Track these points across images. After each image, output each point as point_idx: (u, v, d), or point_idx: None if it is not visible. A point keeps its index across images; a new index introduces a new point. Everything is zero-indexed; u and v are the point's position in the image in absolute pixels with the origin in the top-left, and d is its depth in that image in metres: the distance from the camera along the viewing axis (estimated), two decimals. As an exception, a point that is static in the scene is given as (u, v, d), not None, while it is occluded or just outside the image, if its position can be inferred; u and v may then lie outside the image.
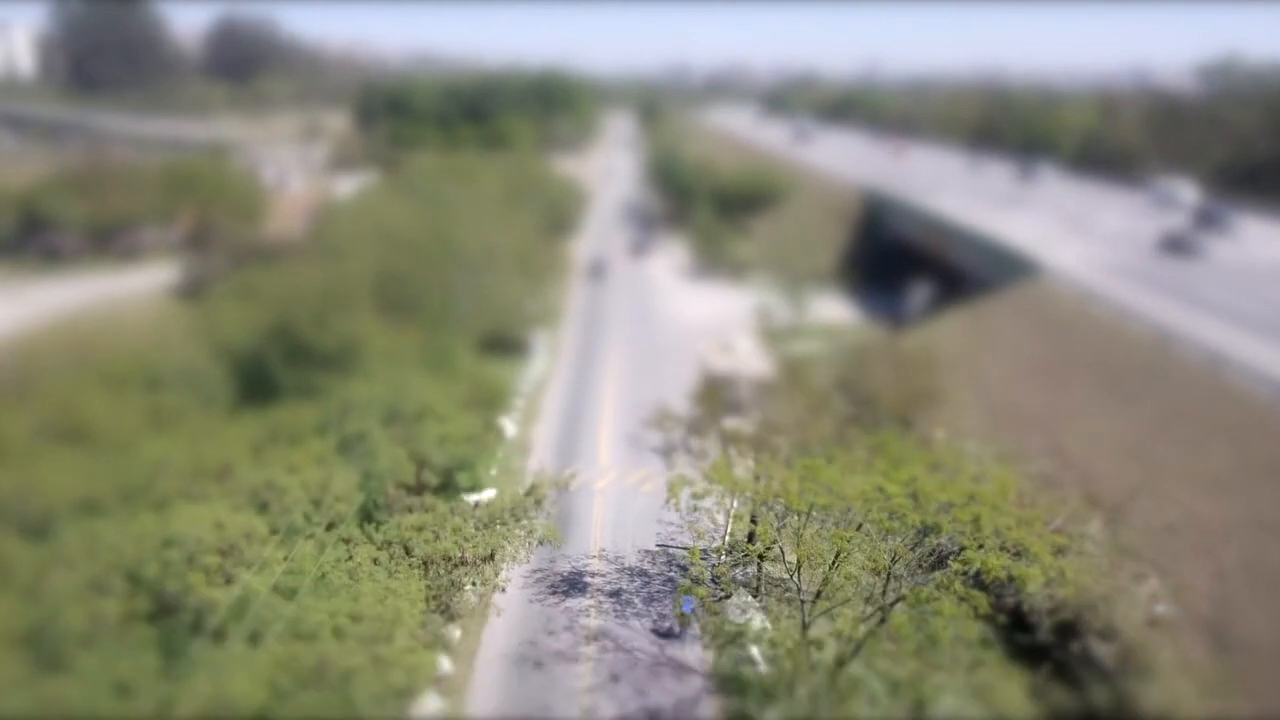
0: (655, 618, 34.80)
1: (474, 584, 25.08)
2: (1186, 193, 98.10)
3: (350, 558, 23.59)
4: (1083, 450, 39.29)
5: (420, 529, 24.67)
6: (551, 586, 36.46)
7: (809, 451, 28.51)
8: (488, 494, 33.63)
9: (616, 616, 34.92)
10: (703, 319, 77.19)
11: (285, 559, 21.37)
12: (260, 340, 33.06)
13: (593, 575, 37.48)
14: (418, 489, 28.59)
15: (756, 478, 27.32)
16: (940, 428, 35.22)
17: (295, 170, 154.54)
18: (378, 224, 64.58)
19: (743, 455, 32.43)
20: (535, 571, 37.11)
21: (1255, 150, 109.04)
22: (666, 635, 33.34)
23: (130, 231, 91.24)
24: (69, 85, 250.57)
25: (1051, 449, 40.26)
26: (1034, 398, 44.50)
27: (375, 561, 23.96)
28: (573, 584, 36.69)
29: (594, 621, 34.66)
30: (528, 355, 65.40)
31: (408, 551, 23.77)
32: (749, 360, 58.01)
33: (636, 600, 35.83)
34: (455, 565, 24.08)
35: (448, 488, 29.77)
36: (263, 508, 22.35)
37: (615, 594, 36.28)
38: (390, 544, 24.88)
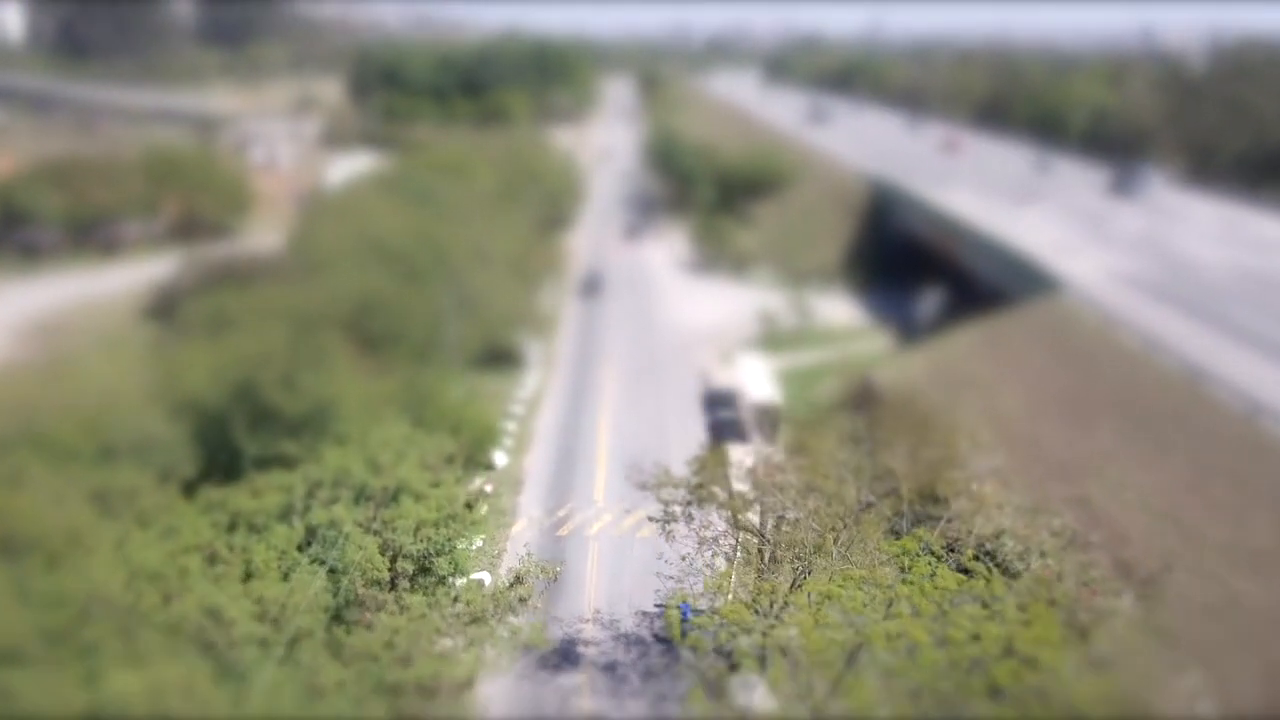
0: (653, 698, 32.52)
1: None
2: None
3: (312, 683, 21.14)
4: (1110, 505, 36.71)
5: (391, 645, 22.20)
6: (541, 658, 34.11)
7: (822, 548, 25.94)
8: (472, 577, 31.10)
9: (611, 696, 32.58)
10: (704, 322, 74.32)
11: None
12: (225, 400, 30.31)
13: (586, 644, 35.07)
14: (392, 583, 26.11)
15: (757, 610, 24.70)
16: (970, 502, 32.59)
17: (286, 146, 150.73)
18: (362, 231, 61.46)
19: (748, 559, 29.86)
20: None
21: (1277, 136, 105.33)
22: (663, 640, 33.93)
23: (111, 225, 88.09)
24: (58, 51, 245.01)
25: (1077, 500, 37.67)
26: (1056, 436, 41.85)
27: (340, 684, 21.50)
28: (564, 655, 34.26)
29: (586, 702, 32.34)
30: (521, 367, 62.67)
31: (375, 676, 21.31)
32: (752, 377, 55.28)
33: (633, 675, 33.46)
34: (429, 695, 21.66)
35: (427, 573, 27.27)
36: (208, 648, 19.84)
37: (610, 668, 33.90)
38: (358, 660, 22.42)
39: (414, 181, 76.69)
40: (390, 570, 26.38)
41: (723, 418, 53.67)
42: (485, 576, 38.07)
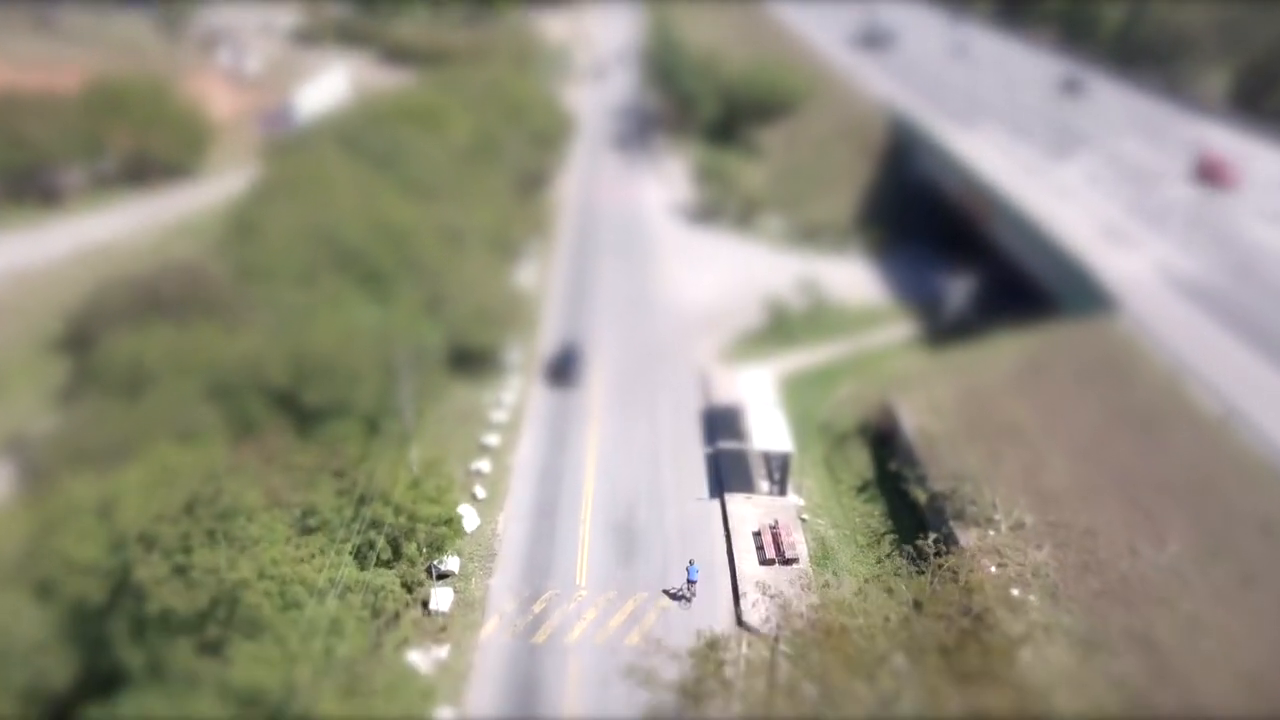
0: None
1: None
2: None
3: None
4: (1182, 653, 30.91)
5: None
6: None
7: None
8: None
9: None
10: (706, 298, 67.11)
11: None
12: (103, 589, 24.15)
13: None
14: None
15: None
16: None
17: (256, 46, 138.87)
18: (315, 221, 53.76)
19: None
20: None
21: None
22: (676, 599, 38.39)
23: (50, 170, 79.51)
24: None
25: (1139, 638, 31.89)
26: (1115, 534, 35.71)
27: None
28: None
29: None
30: (500, 371, 55.93)
31: None
32: (757, 397, 48.68)
33: None
34: None
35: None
36: None
37: None
38: None
39: (379, 138, 67.95)
40: None
41: (725, 450, 47.51)
42: (447, 715, 32.83)
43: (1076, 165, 74.52)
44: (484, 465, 46.94)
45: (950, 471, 41.33)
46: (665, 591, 38.66)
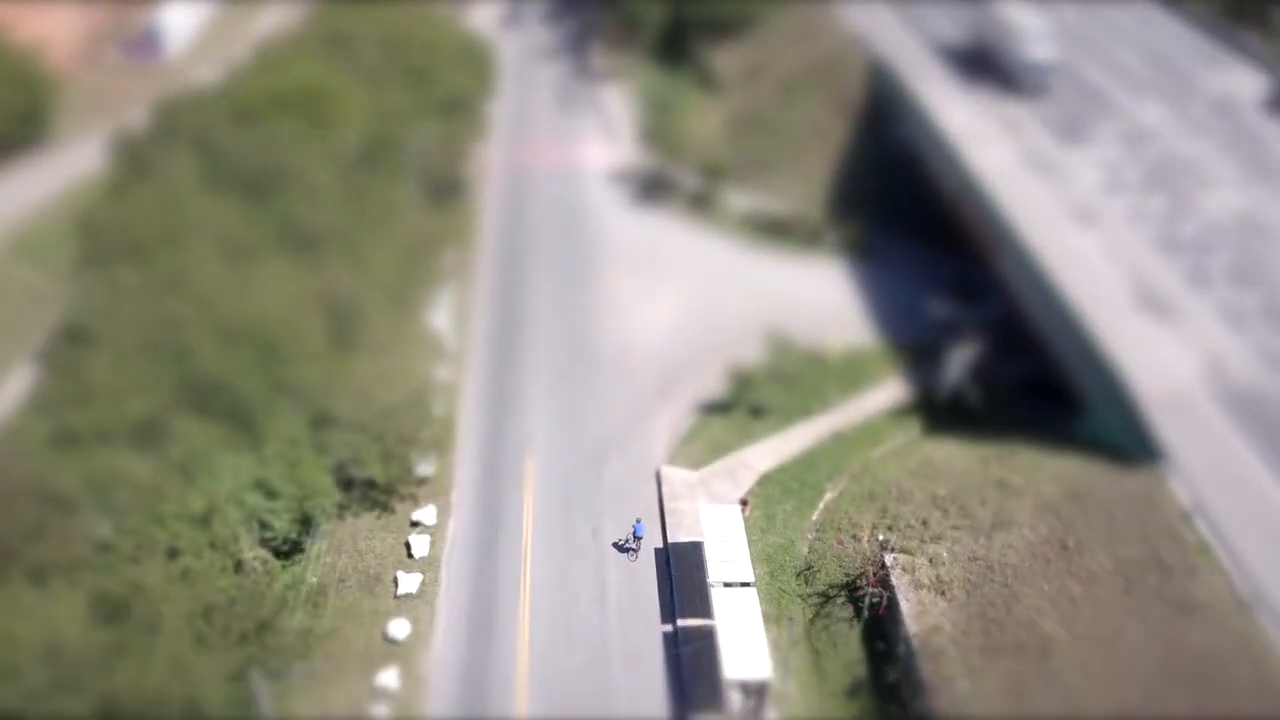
0: None
1: None
2: None
3: None
4: None
5: None
6: None
7: None
8: None
9: None
10: (660, 340, 56.59)
11: None
12: None
13: None
14: None
15: None
16: None
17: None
18: (163, 332, 42.08)
19: None
20: None
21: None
22: (623, 551, 42.76)
23: None
24: None
25: None
26: None
27: None
28: None
29: None
30: (407, 497, 45.78)
31: None
32: (726, 548, 39.76)
33: None
34: None
35: None
36: None
37: None
38: None
39: (250, 149, 54.38)
40: None
41: (687, 641, 39.04)
42: None
43: (1094, 161, 62.75)
44: (389, 678, 37.93)
45: (962, 706, 33.57)
46: (614, 544, 43.10)
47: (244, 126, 56.87)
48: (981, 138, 61.32)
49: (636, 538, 42.74)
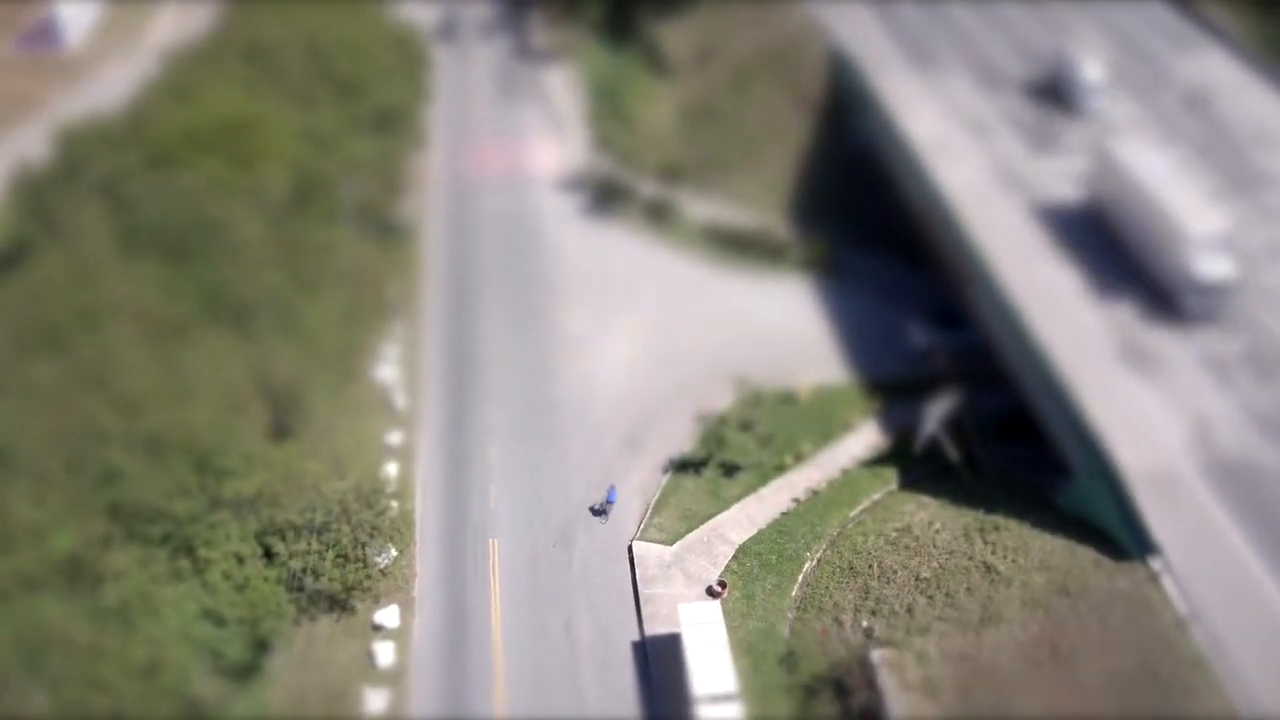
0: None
1: None
2: None
3: None
4: None
5: None
6: None
7: None
8: None
9: None
10: (623, 386, 53.88)
11: None
12: None
13: None
14: None
15: None
16: None
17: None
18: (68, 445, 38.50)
19: None
20: None
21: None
22: (597, 514, 46.33)
23: None
24: None
25: None
26: None
27: None
28: None
29: None
30: (368, 592, 43.12)
31: None
32: (706, 657, 38.19)
33: None
34: None
35: None
36: None
37: None
38: None
39: (167, 203, 49.75)
40: None
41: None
42: None
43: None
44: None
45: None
46: (590, 508, 46.51)
47: (158, 170, 52.04)
48: (950, 149, 58.42)
49: (609, 502, 46.44)
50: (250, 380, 44.45)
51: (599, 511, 46.45)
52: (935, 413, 47.86)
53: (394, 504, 45.35)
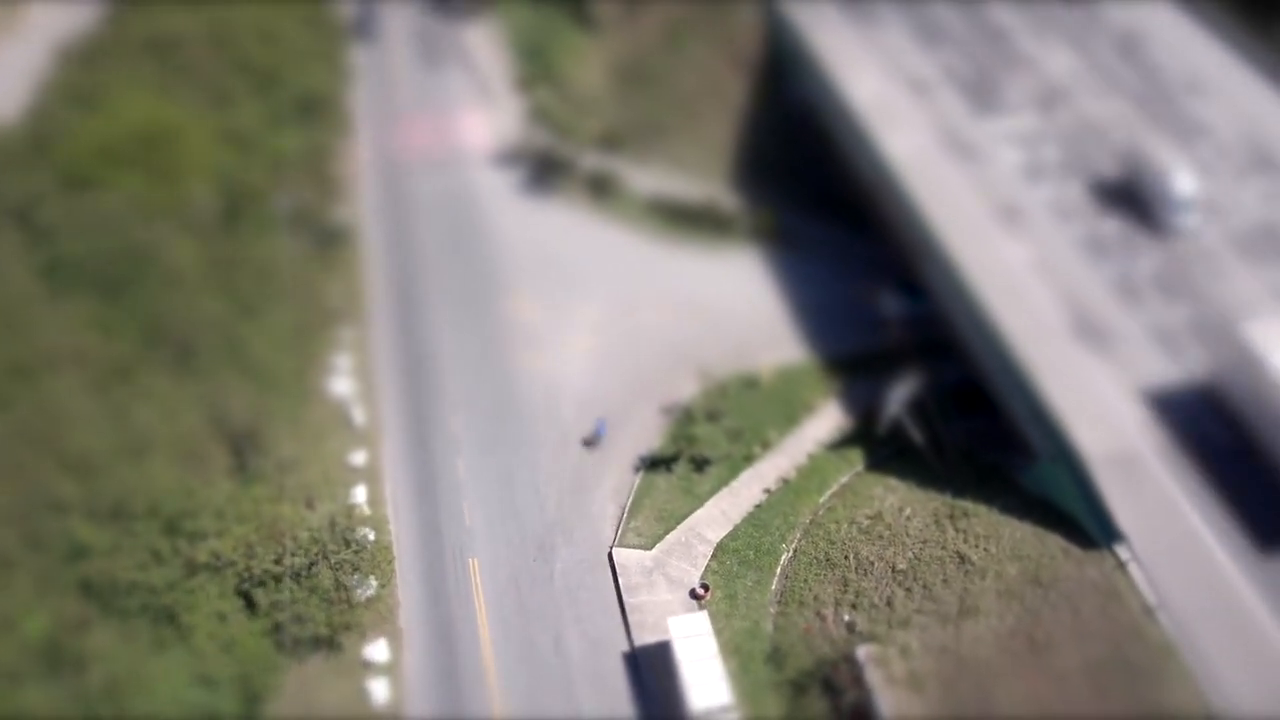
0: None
1: None
2: None
3: None
4: None
5: None
6: None
7: None
8: None
9: None
10: (583, 382, 53.45)
11: None
12: None
13: None
14: None
15: None
16: None
17: None
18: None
19: None
20: None
21: None
22: (588, 445, 49.25)
23: None
24: None
25: None
26: None
27: None
28: None
29: None
30: (351, 622, 42.86)
31: None
32: (697, 671, 39.22)
33: None
34: None
35: None
36: None
37: None
38: None
39: (88, 229, 46.83)
40: None
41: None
42: None
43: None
44: None
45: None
46: (582, 440, 49.51)
47: (74, 193, 48.77)
48: (893, 114, 58.02)
49: (599, 435, 49.36)
50: (205, 423, 42.83)
51: (590, 443, 49.09)
52: (897, 395, 48.77)
53: (370, 535, 44.75)
